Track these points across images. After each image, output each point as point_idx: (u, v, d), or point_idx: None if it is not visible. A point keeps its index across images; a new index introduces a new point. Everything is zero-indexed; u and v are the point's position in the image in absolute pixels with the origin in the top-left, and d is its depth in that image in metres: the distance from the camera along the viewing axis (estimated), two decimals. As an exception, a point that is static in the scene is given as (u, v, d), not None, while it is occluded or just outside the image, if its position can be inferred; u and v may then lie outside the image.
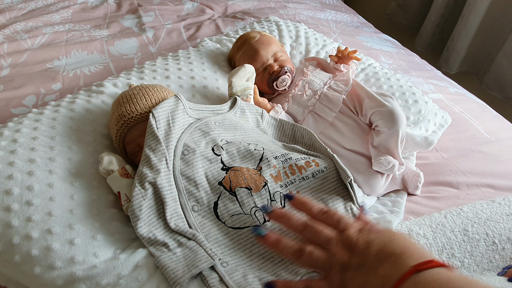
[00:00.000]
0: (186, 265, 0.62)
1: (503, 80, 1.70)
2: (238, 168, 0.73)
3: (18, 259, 0.63)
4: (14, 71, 1.23)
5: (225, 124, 0.83)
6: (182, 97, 0.82)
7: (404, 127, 0.91)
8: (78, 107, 0.88)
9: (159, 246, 0.65)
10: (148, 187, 0.69)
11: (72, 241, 0.65)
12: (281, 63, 1.04)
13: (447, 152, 1.04)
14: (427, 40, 2.01)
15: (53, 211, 0.67)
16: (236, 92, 0.93)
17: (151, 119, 0.76)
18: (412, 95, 1.09)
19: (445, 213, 0.82)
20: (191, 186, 0.71)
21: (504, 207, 0.84)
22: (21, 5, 1.61)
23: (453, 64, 1.87)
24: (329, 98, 0.98)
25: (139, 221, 0.67)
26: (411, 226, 0.78)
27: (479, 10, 1.71)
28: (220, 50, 1.16)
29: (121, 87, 0.96)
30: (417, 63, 1.52)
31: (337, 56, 1.07)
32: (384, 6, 2.33)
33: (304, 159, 0.76)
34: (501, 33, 1.71)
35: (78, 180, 0.74)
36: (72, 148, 0.79)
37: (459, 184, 0.94)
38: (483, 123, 1.15)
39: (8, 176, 0.70)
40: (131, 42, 1.44)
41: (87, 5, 1.71)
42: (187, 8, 1.76)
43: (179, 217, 0.69)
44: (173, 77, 1.00)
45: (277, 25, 1.30)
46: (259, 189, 0.70)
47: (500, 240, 0.78)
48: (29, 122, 0.82)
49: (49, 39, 1.41)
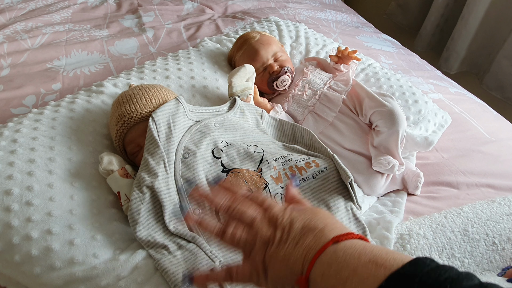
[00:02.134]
0: (187, 267, 0.62)
1: (503, 80, 1.70)
2: (238, 170, 0.72)
3: (18, 259, 0.63)
4: (14, 71, 1.23)
5: (225, 125, 0.83)
6: (182, 100, 0.82)
7: (404, 127, 0.91)
8: (78, 107, 0.88)
9: (159, 248, 0.65)
10: (146, 191, 0.69)
11: (72, 241, 0.65)
12: (281, 63, 1.04)
13: (447, 152, 1.04)
14: (427, 40, 2.01)
15: (53, 211, 0.67)
16: (236, 92, 0.93)
17: (151, 123, 0.76)
18: (412, 95, 1.09)
19: (445, 213, 0.82)
20: (192, 189, 0.71)
21: (504, 207, 0.83)
22: (21, 5, 1.61)
23: (453, 64, 1.87)
24: (329, 98, 0.98)
25: (138, 225, 0.66)
26: (411, 226, 0.78)
27: (479, 10, 1.71)
28: (220, 50, 1.16)
29: (121, 87, 0.96)
30: (417, 63, 1.52)
31: (337, 56, 1.07)
32: (384, 6, 2.33)
33: (304, 160, 0.76)
34: (501, 33, 1.71)
35: (78, 180, 0.74)
36: (72, 148, 0.79)
37: (459, 184, 0.94)
38: (483, 123, 1.15)
39: (8, 176, 0.70)
40: (131, 42, 1.44)
41: (87, 5, 1.71)
42: (187, 8, 1.76)
43: (179, 220, 0.68)
44: (173, 77, 1.00)
45: (277, 25, 1.30)
46: (259, 191, 0.70)
47: (500, 241, 0.78)
48: (29, 122, 0.82)
49: (49, 39, 1.41)
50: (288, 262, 0.45)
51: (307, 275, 0.43)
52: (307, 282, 0.43)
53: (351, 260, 0.41)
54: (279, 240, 0.47)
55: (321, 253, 0.43)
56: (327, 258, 0.43)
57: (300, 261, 0.45)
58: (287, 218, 0.49)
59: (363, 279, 0.38)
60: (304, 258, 0.45)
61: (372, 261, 0.39)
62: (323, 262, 0.43)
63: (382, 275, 0.37)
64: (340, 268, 0.41)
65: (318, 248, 0.44)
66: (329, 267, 0.42)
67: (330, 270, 0.41)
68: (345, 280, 0.40)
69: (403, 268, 0.37)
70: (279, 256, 0.46)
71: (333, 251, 0.43)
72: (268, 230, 0.49)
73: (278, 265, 0.46)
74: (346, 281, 0.39)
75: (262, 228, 0.49)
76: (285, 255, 0.46)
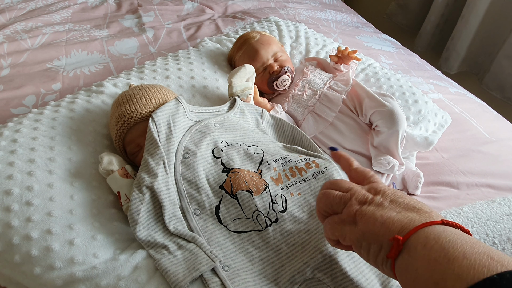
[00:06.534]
0: (187, 267, 0.62)
1: (503, 80, 1.70)
2: (239, 171, 0.72)
3: (18, 259, 0.63)
4: (14, 71, 1.23)
5: (225, 125, 0.82)
6: (182, 100, 0.82)
7: (404, 127, 0.91)
8: (78, 107, 0.88)
9: (159, 248, 0.65)
10: (146, 191, 0.69)
11: (72, 241, 0.65)
12: (281, 63, 1.04)
13: (447, 152, 1.04)
14: (427, 40, 2.01)
15: (53, 211, 0.67)
16: (236, 92, 0.93)
17: (151, 124, 0.75)
18: (412, 95, 1.09)
19: (445, 213, 0.82)
20: (192, 189, 0.71)
21: (504, 207, 0.83)
22: (21, 5, 1.61)
23: (453, 64, 1.87)
24: (329, 98, 0.98)
25: (138, 225, 0.66)
26: (411, 226, 0.78)
27: (479, 10, 1.71)
28: (220, 50, 1.16)
29: (121, 87, 0.96)
30: (417, 63, 1.52)
31: (337, 56, 1.07)
32: (384, 6, 2.33)
33: (304, 161, 0.76)
34: (501, 33, 1.71)
35: (78, 180, 0.74)
36: (72, 148, 0.79)
37: (459, 184, 0.94)
38: (483, 123, 1.15)
39: (8, 176, 0.70)
40: (131, 42, 1.44)
41: (87, 5, 1.71)
42: (187, 8, 1.76)
43: (179, 220, 0.68)
44: (173, 77, 1.00)
45: (277, 25, 1.30)
46: (260, 192, 0.70)
47: (500, 241, 0.78)
48: (29, 122, 0.82)
49: (49, 39, 1.41)
50: (385, 221, 0.46)
51: (406, 237, 0.43)
52: (402, 244, 0.44)
53: (464, 245, 0.40)
54: (379, 203, 0.49)
55: (427, 226, 0.44)
56: (434, 232, 0.43)
57: (399, 224, 0.45)
58: (392, 191, 0.51)
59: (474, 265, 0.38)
60: (406, 224, 0.45)
61: (487, 254, 0.39)
62: (429, 234, 0.43)
63: (496, 269, 0.37)
64: (449, 246, 0.40)
65: (424, 221, 0.44)
66: (436, 240, 0.42)
67: (437, 244, 0.41)
68: (453, 258, 0.39)
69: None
70: (376, 214, 0.47)
71: (442, 230, 0.43)
72: (367, 193, 0.51)
73: (372, 221, 0.47)
74: (455, 260, 0.39)
75: (361, 191, 0.52)
76: (382, 215, 0.47)
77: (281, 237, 0.66)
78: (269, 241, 0.66)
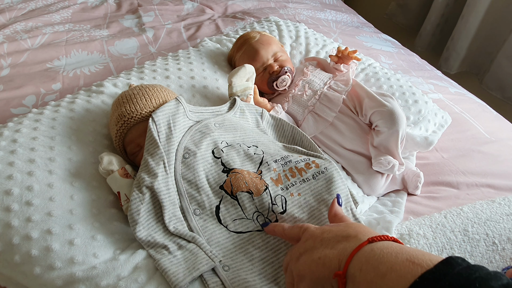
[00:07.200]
0: (187, 267, 0.62)
1: (503, 80, 1.70)
2: (239, 171, 0.72)
3: (18, 259, 0.63)
4: (14, 71, 1.23)
5: (225, 125, 0.82)
6: (182, 100, 0.82)
7: (404, 127, 0.91)
8: (78, 107, 0.88)
9: (159, 248, 0.65)
10: (146, 191, 0.69)
11: (72, 241, 0.65)
12: (281, 63, 1.04)
13: (447, 152, 1.04)
14: (427, 40, 2.01)
15: (53, 211, 0.67)
16: (236, 92, 0.93)
17: (151, 124, 0.75)
18: (412, 95, 1.09)
19: (445, 213, 0.82)
20: (192, 189, 0.71)
21: (504, 207, 0.83)
22: (21, 5, 1.61)
23: (453, 64, 1.87)
24: (329, 98, 0.98)
25: (138, 225, 0.66)
26: (411, 226, 0.78)
27: (479, 10, 1.71)
28: (220, 50, 1.16)
29: (121, 87, 0.96)
30: (417, 63, 1.52)
31: (337, 56, 1.07)
32: (384, 6, 2.33)
33: (304, 161, 0.76)
34: (501, 33, 1.71)
35: (78, 180, 0.74)
36: (72, 148, 0.79)
37: (459, 184, 0.94)
38: (483, 123, 1.15)
39: (8, 176, 0.70)
40: (131, 42, 1.44)
41: (87, 5, 1.71)
42: (187, 8, 1.76)
43: (179, 220, 0.68)
44: (173, 77, 1.00)
45: (277, 25, 1.30)
46: (260, 192, 0.70)
47: (500, 241, 0.78)
48: (29, 122, 0.82)
49: (49, 39, 1.41)
50: (325, 261, 0.49)
51: (345, 269, 0.46)
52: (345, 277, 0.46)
53: (389, 258, 0.44)
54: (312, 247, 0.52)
55: (358, 251, 0.47)
56: (364, 254, 0.46)
57: (336, 259, 0.48)
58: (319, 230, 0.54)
59: (401, 275, 0.41)
60: (340, 256, 0.48)
61: (409, 260, 0.42)
62: (361, 258, 0.46)
63: (418, 272, 0.40)
64: (378, 263, 0.44)
65: (354, 247, 0.48)
66: (367, 262, 0.45)
67: (368, 265, 0.44)
68: (383, 274, 0.42)
69: (436, 267, 0.40)
70: (315, 258, 0.50)
71: (370, 249, 0.46)
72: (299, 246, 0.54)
73: (314, 266, 0.50)
74: (385, 275, 0.42)
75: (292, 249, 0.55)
76: (320, 257, 0.50)
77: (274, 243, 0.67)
78: (269, 241, 0.66)
